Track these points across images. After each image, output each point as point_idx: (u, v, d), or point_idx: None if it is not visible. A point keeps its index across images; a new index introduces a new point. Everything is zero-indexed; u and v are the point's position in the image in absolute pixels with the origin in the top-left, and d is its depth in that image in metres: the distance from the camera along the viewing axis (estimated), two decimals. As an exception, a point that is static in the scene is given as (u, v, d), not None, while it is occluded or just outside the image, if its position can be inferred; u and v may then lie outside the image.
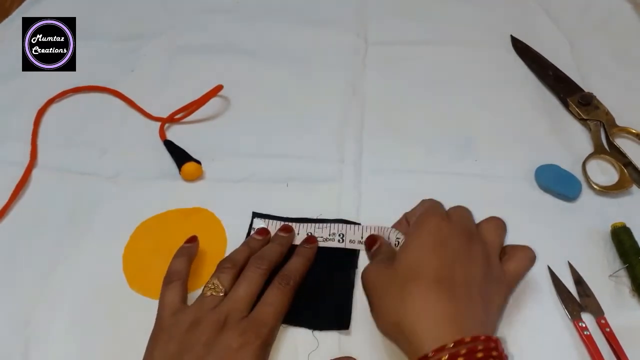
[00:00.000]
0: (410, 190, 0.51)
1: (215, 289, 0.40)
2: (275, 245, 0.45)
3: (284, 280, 0.41)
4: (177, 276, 0.42)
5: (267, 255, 0.43)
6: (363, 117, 0.59)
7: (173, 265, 0.43)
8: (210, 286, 0.40)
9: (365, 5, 0.73)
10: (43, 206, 0.50)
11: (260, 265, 0.42)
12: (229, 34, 0.69)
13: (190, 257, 0.44)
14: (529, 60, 0.65)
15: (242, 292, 0.40)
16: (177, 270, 0.42)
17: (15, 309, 0.43)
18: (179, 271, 0.42)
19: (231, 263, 0.42)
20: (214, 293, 0.39)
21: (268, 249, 0.44)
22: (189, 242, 0.46)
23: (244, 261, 0.43)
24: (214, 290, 0.40)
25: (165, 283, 0.41)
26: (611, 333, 0.41)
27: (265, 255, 0.43)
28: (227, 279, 0.41)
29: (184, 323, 0.38)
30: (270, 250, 0.44)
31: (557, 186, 0.51)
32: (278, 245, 0.45)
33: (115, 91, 0.61)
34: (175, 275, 0.42)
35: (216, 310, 0.38)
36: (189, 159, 0.52)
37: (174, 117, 0.58)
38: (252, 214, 0.49)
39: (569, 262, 0.46)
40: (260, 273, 0.41)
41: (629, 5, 0.72)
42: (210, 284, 0.40)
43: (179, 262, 0.43)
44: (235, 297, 0.39)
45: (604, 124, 0.57)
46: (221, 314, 0.38)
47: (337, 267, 0.45)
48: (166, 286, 0.41)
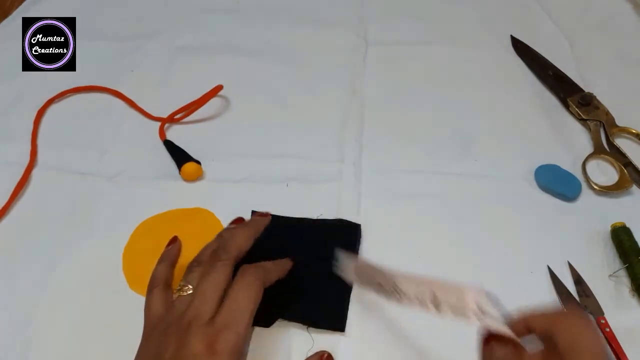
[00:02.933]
0: (410, 190, 0.51)
1: (181, 290, 0.36)
2: (240, 230, 0.40)
3: (223, 256, 0.37)
4: (158, 282, 0.39)
5: (230, 244, 0.38)
6: (363, 117, 0.59)
7: (154, 271, 0.41)
8: (178, 287, 0.37)
9: (365, 5, 0.73)
10: (43, 206, 0.50)
11: (220, 256, 0.37)
12: (229, 34, 0.69)
13: (171, 260, 0.42)
14: (529, 60, 0.65)
15: (203, 292, 0.35)
16: (158, 276, 0.40)
17: (15, 309, 0.43)
18: (159, 277, 0.40)
19: (197, 261, 0.38)
20: (181, 294, 0.36)
21: (231, 236, 0.39)
22: (170, 243, 0.44)
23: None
24: (181, 291, 0.36)
25: (148, 291, 0.39)
26: (611, 333, 0.41)
27: (227, 243, 0.38)
28: (195, 277, 0.37)
29: (159, 331, 0.35)
30: (234, 236, 0.39)
31: (557, 186, 0.51)
32: (244, 229, 0.40)
33: (116, 91, 0.61)
34: (156, 281, 0.40)
35: (182, 314, 0.35)
36: (189, 159, 0.52)
37: (173, 117, 0.58)
38: (252, 212, 0.49)
39: (569, 262, 0.46)
40: (222, 265, 0.36)
41: (629, 5, 0.72)
42: (179, 285, 0.37)
43: (160, 268, 0.41)
44: (198, 299, 0.35)
45: (604, 124, 0.57)
46: (184, 319, 0.34)
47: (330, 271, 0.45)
48: (149, 294, 0.39)
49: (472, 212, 0.50)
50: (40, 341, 0.41)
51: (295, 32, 0.69)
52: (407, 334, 0.41)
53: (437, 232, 0.48)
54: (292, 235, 0.48)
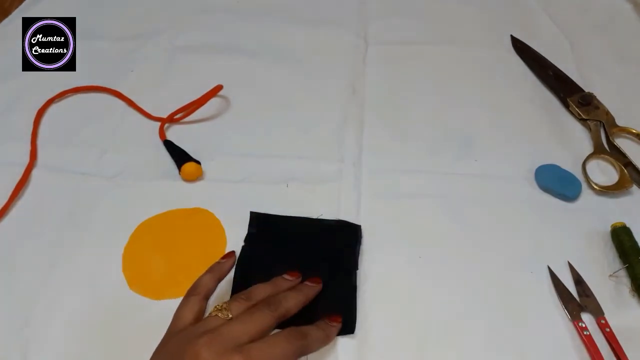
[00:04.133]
0: (411, 190, 0.51)
1: (222, 312, 0.36)
2: (298, 294, 0.40)
3: (273, 306, 0.37)
4: (198, 291, 0.39)
5: (283, 302, 0.38)
6: (363, 117, 0.59)
7: (200, 279, 0.40)
8: (218, 307, 0.37)
9: (365, 5, 0.73)
10: (43, 206, 0.50)
11: (270, 306, 0.37)
12: (228, 33, 0.69)
13: (220, 275, 0.41)
14: (529, 60, 0.65)
15: (245, 320, 0.36)
16: (200, 285, 0.40)
17: (15, 309, 0.43)
18: (202, 286, 0.40)
19: (247, 296, 0.38)
20: (220, 315, 0.36)
21: (290, 296, 0.40)
22: (225, 257, 0.43)
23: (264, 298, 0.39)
24: (220, 312, 0.36)
25: (186, 295, 0.39)
26: (611, 333, 0.41)
27: (281, 301, 0.38)
28: (239, 308, 0.37)
29: (181, 338, 0.35)
30: (291, 297, 0.39)
31: (557, 186, 0.51)
32: (301, 295, 0.40)
33: (115, 91, 0.61)
34: (197, 290, 0.39)
35: (214, 330, 0.35)
36: (188, 159, 0.52)
37: (173, 117, 0.58)
38: (250, 213, 0.49)
39: (569, 262, 0.46)
40: (269, 314, 0.37)
41: (629, 5, 0.72)
42: (219, 305, 0.37)
43: (206, 278, 0.40)
44: (239, 323, 0.36)
45: (604, 124, 0.57)
46: (217, 334, 0.34)
47: (338, 267, 0.45)
48: (185, 298, 0.39)
49: (472, 212, 0.50)
50: (40, 341, 0.41)
51: (296, 32, 0.69)
52: (409, 332, 0.41)
53: (437, 232, 0.48)
54: (294, 236, 0.48)
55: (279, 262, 0.45)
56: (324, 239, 0.47)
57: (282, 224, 0.48)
